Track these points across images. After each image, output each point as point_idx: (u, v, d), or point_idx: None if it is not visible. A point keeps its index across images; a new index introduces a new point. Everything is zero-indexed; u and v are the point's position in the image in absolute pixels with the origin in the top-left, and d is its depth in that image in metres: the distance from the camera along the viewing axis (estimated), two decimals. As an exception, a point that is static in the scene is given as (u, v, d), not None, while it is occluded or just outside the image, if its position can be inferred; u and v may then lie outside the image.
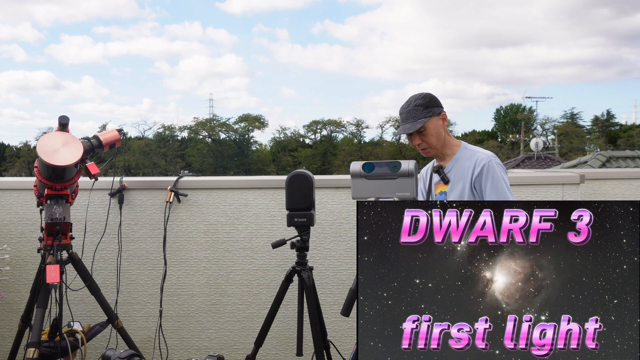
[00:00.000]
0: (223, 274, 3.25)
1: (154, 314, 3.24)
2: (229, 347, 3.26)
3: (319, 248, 3.19)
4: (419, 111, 2.24)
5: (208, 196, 3.24)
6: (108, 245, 3.23)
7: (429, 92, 2.33)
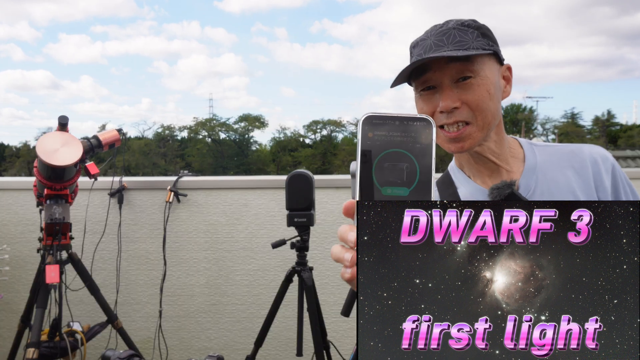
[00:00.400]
0: (223, 274, 3.25)
1: (154, 314, 3.24)
2: (229, 347, 3.26)
3: (319, 248, 3.19)
4: (470, 34, 1.14)
5: (208, 196, 3.24)
6: (108, 245, 3.23)
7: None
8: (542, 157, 1.24)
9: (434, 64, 1.14)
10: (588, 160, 1.22)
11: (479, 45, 1.14)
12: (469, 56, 1.12)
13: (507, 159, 1.24)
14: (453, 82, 1.14)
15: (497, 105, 1.16)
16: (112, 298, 3.17)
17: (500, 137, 1.22)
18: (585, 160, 1.22)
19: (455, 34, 1.14)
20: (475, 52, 1.11)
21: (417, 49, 1.19)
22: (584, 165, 1.22)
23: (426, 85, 1.17)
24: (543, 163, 1.23)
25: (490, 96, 1.14)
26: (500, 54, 1.20)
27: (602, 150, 1.25)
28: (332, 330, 3.09)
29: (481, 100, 1.13)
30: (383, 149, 0.61)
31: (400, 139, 0.61)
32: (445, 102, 1.13)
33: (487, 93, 1.14)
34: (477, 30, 1.16)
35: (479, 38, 1.15)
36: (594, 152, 1.23)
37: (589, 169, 1.21)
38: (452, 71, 1.13)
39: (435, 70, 1.14)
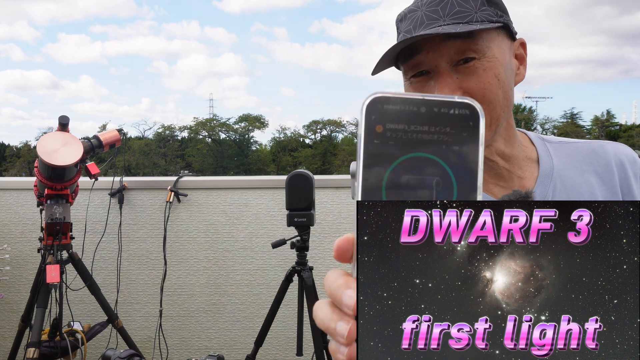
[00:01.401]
0: (223, 274, 3.25)
1: (154, 314, 3.24)
2: (229, 347, 3.26)
3: (319, 248, 3.19)
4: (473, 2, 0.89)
5: (208, 196, 3.24)
6: (108, 245, 3.23)
7: None
8: (559, 158, 1.00)
9: (426, 43, 0.88)
10: (614, 163, 0.99)
11: (484, 17, 0.87)
12: (472, 32, 0.86)
13: (519, 162, 0.98)
14: (452, 66, 0.88)
15: (508, 93, 0.90)
16: (113, 298, 3.18)
17: (510, 134, 0.96)
18: (610, 164, 0.99)
19: (453, 2, 0.88)
20: (480, 27, 0.85)
21: (404, 23, 0.93)
22: (609, 170, 0.99)
23: (418, 69, 0.91)
24: (561, 166, 0.99)
25: (500, 82, 0.88)
26: (512, 26, 0.93)
27: (628, 151, 1.02)
28: (332, 330, 3.09)
29: (488, 89, 0.87)
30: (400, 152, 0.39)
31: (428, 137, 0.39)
32: (442, 92, 0.86)
33: (496, 78, 0.88)
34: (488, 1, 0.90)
35: (484, 7, 0.88)
36: (620, 153, 1.00)
37: (614, 174, 0.99)
38: (450, 51, 0.87)
39: (428, 50, 0.88)
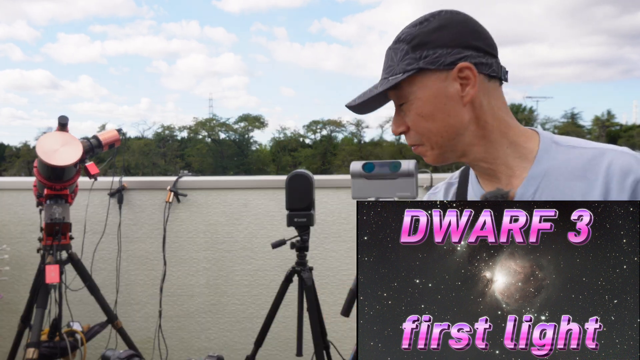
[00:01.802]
0: (223, 274, 3.24)
1: (154, 314, 3.24)
2: (229, 347, 3.26)
3: (319, 248, 3.18)
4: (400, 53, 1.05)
5: (208, 196, 3.24)
6: (107, 245, 3.23)
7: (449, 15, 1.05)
8: (558, 161, 1.04)
9: None
10: (602, 173, 1.00)
11: (401, 68, 1.04)
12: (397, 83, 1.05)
13: (508, 161, 1.08)
14: (398, 106, 1.10)
15: (442, 123, 1.05)
16: (112, 298, 3.17)
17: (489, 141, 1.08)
18: (599, 173, 1.00)
19: (388, 55, 1.08)
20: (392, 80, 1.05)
21: None
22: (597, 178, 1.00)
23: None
24: (554, 169, 1.04)
25: (425, 117, 1.05)
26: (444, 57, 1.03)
27: (626, 161, 0.99)
28: (332, 330, 3.09)
29: (415, 125, 1.07)
30: None
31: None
32: (392, 127, 1.12)
33: (419, 116, 1.06)
34: (408, 45, 1.04)
35: (406, 56, 1.04)
36: (615, 163, 0.99)
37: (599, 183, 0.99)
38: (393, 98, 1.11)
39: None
